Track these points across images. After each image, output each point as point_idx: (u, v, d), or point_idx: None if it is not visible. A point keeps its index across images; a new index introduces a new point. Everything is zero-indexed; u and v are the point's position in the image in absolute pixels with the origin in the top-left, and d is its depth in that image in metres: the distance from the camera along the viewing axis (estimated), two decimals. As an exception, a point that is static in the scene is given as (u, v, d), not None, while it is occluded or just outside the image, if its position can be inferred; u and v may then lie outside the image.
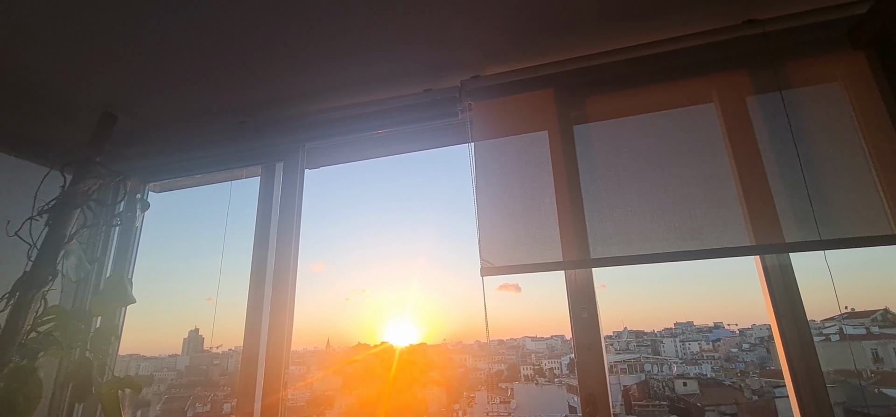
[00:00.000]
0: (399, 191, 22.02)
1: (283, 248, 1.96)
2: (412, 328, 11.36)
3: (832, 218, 1.36)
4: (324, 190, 9.53)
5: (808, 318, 1.48)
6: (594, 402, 1.51)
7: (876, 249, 1.36)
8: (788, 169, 1.43)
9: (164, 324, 5.31)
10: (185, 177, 2.19)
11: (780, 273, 1.42)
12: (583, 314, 1.56)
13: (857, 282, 3.71)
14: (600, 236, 1.51)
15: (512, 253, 1.57)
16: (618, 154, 1.59)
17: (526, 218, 1.59)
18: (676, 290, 13.30)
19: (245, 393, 1.94)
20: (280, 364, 1.93)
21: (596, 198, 1.56)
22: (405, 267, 17.41)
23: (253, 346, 1.94)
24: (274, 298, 1.95)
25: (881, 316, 9.31)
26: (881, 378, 8.83)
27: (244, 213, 2.19)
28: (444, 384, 14.70)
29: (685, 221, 1.45)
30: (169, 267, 4.16)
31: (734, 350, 13.62)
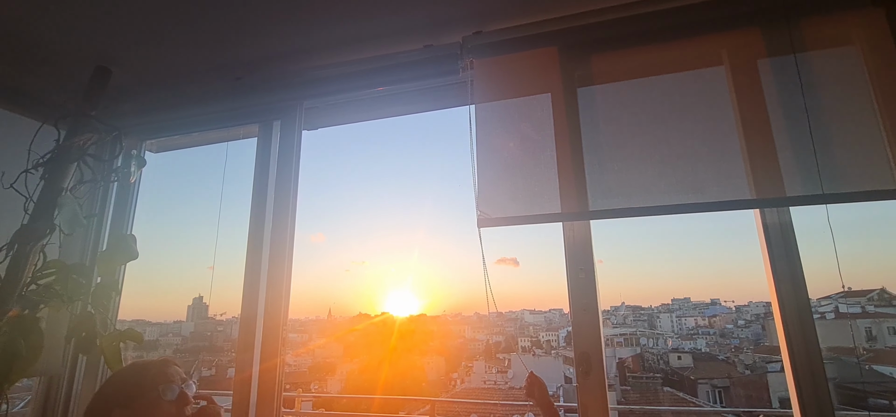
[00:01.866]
0: (398, 162, 21.65)
1: (281, 211, 1.95)
2: (412, 299, 11.41)
3: (836, 173, 1.34)
4: (323, 159, 9.43)
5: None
6: (588, 361, 1.53)
7: (878, 228, 1.34)
8: (795, 123, 1.40)
9: (168, 291, 5.41)
10: (181, 135, 2.17)
11: (781, 233, 1.41)
12: (580, 274, 1.56)
13: (855, 262, 3.67)
14: (600, 189, 1.50)
15: (509, 206, 1.55)
16: (621, 109, 1.55)
17: (524, 171, 1.56)
18: (675, 267, 13.19)
19: (244, 358, 1.97)
20: (278, 329, 1.95)
21: (597, 150, 1.53)
22: (404, 239, 17.42)
23: (251, 310, 1.95)
24: (271, 263, 1.95)
25: (878, 295, 9.35)
26: (874, 355, 8.99)
27: (242, 177, 2.18)
28: (443, 353, 15.00)
29: (687, 175, 1.43)
30: (170, 233, 4.18)
31: (729, 326, 13.85)
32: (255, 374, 1.93)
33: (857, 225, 12.26)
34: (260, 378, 1.94)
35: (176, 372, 1.34)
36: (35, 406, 1.99)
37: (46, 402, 1.98)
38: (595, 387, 1.50)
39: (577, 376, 1.54)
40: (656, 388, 10.70)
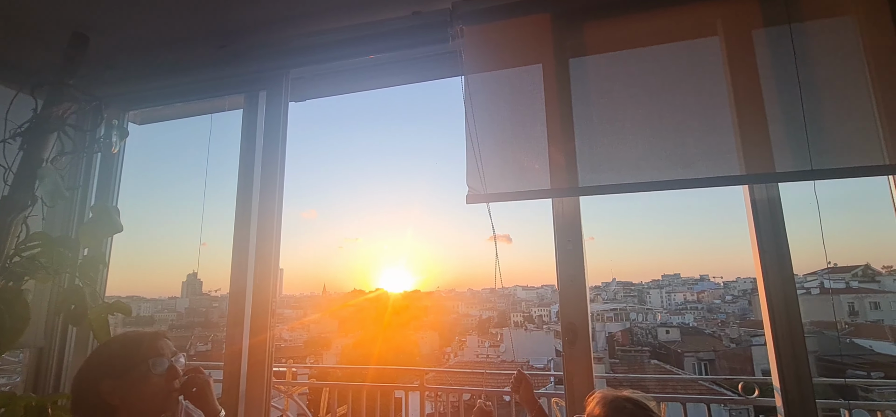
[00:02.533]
0: (390, 138, 21.45)
1: (268, 185, 1.93)
2: (406, 275, 11.50)
3: (826, 148, 1.34)
4: (313, 134, 9.27)
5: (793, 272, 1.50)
6: (574, 330, 1.55)
7: (864, 204, 1.35)
8: (787, 96, 1.39)
9: (162, 267, 5.41)
10: (164, 105, 2.12)
11: (769, 208, 1.41)
12: (568, 246, 1.57)
13: (841, 239, 3.71)
14: (590, 164, 1.48)
15: (499, 182, 1.54)
16: (613, 81, 1.53)
17: (515, 146, 1.55)
18: (666, 244, 13.34)
19: (234, 332, 1.97)
20: (267, 304, 1.95)
21: (588, 124, 1.51)
22: (398, 216, 17.42)
23: (240, 284, 1.95)
24: (259, 237, 1.94)
25: (862, 271, 9.65)
26: (855, 329, 9.29)
27: (229, 151, 2.14)
28: (436, 328, 15.22)
29: (677, 149, 1.42)
30: (163, 209, 4.14)
31: (717, 301, 14.14)
32: (244, 348, 1.94)
33: (844, 202, 12.46)
34: (250, 352, 1.95)
35: (166, 346, 1.33)
36: (26, 377, 1.99)
37: (37, 374, 1.98)
38: (580, 356, 1.53)
39: (564, 345, 1.56)
40: (643, 361, 10.99)
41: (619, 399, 1.04)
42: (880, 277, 13.47)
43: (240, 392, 1.94)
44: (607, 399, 1.06)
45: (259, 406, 1.95)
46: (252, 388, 1.94)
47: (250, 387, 1.94)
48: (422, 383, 2.61)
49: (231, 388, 1.91)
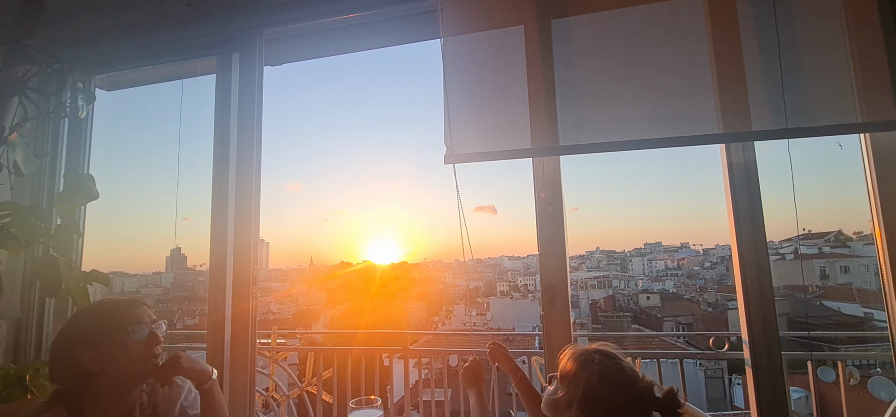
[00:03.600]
0: (373, 108, 21.03)
1: (245, 154, 1.89)
2: (393, 247, 11.53)
3: (802, 108, 1.36)
4: (294, 104, 9.04)
5: (768, 239, 1.54)
6: (553, 291, 1.58)
7: (837, 172, 1.39)
8: (767, 56, 1.40)
9: (144, 242, 5.31)
10: (132, 68, 2.04)
11: (745, 171, 1.44)
12: (548, 208, 1.58)
13: (815, 206, 3.83)
14: (571, 125, 1.49)
15: (478, 142, 1.53)
16: (595, 41, 1.52)
17: (495, 106, 1.53)
18: (648, 213, 13.58)
19: (216, 301, 1.97)
20: (248, 274, 1.95)
21: (569, 84, 1.51)
22: (383, 187, 17.28)
23: (220, 253, 1.93)
24: (238, 207, 1.92)
25: (834, 237, 10.01)
26: (825, 292, 9.73)
27: (204, 118, 2.08)
28: (424, 298, 15.34)
29: (658, 109, 1.43)
30: (142, 183, 4.05)
31: (696, 268, 14.50)
32: (227, 317, 1.94)
33: (818, 171, 12.90)
34: (233, 321, 1.95)
35: (145, 313, 1.32)
36: (6, 349, 1.96)
37: (17, 346, 1.96)
38: (559, 315, 1.57)
39: (543, 305, 1.60)
40: (624, 326, 11.37)
41: (589, 352, 1.07)
42: (851, 242, 13.98)
43: (224, 359, 1.95)
44: (577, 353, 1.08)
45: (244, 372, 1.97)
46: (236, 355, 1.95)
47: (234, 355, 1.96)
48: (405, 347, 2.66)
49: (215, 356, 1.92)
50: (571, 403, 1.03)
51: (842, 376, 2.27)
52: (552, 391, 1.11)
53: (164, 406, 1.37)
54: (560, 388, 1.08)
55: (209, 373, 1.39)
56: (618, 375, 1.02)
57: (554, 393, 1.09)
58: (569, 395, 1.04)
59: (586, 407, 1.01)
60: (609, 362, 1.04)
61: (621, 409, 1.00)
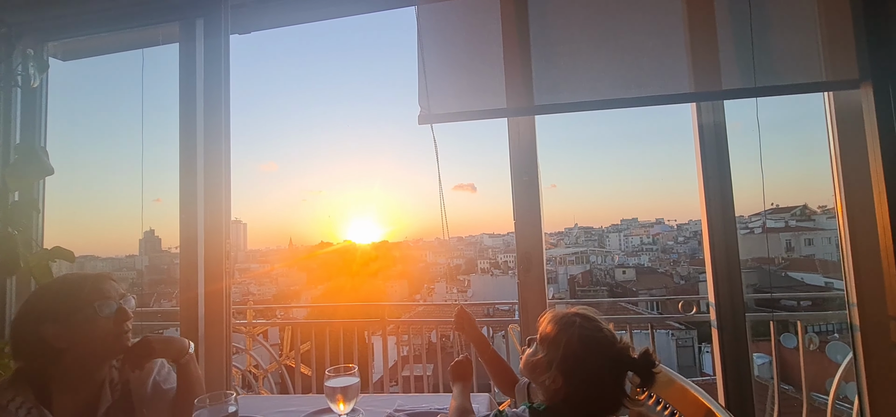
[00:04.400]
0: (349, 83, 20.60)
1: (213, 127, 1.83)
2: (374, 226, 11.48)
3: (771, 68, 1.40)
4: (267, 80, 8.78)
5: (738, 214, 1.60)
6: (529, 259, 1.61)
7: (803, 148, 1.44)
8: (738, 16, 1.42)
9: (116, 225, 5.10)
10: (87, 35, 1.93)
11: (714, 132, 1.48)
12: (524, 178, 1.59)
13: (783, 182, 3.92)
14: (547, 85, 1.49)
15: (454, 102, 1.52)
16: (572, 1, 1.51)
17: (470, 67, 1.52)
18: (624, 189, 13.94)
19: (188, 279, 1.94)
20: (220, 253, 1.92)
21: (544, 45, 1.50)
22: (362, 167, 17.11)
23: (191, 229, 1.89)
24: (207, 182, 1.87)
25: (800, 210, 10.43)
26: (790, 263, 10.25)
27: (168, 89, 2.00)
28: (405, 277, 15.32)
29: (632, 68, 1.45)
30: (108, 160, 3.87)
31: (670, 243, 14.95)
32: (200, 295, 1.91)
33: (786, 145, 13.50)
34: (206, 299, 1.93)
35: (112, 288, 1.28)
36: (-34, 331, 1.90)
37: (-23, 327, 1.89)
38: (535, 283, 1.60)
39: (519, 273, 1.63)
40: (599, 299, 11.69)
41: (569, 315, 1.09)
42: (815, 216, 14.55)
43: (199, 337, 1.92)
44: (558, 316, 1.11)
45: (220, 349, 1.95)
46: (210, 333, 1.92)
47: (209, 332, 1.93)
48: (383, 319, 2.67)
49: (189, 334, 1.89)
50: (551, 364, 1.05)
51: (802, 341, 2.39)
52: (532, 352, 1.13)
53: (136, 382, 1.34)
54: (540, 350, 1.10)
55: (185, 347, 1.37)
56: (597, 336, 1.05)
57: (534, 355, 1.12)
58: (549, 356, 1.07)
59: (565, 368, 1.03)
60: (588, 324, 1.07)
61: (599, 370, 1.03)
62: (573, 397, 1.04)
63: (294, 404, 1.61)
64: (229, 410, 1.15)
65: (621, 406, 1.06)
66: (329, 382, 1.28)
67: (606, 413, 1.07)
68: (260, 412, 1.49)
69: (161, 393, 1.38)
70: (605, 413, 1.07)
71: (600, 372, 1.03)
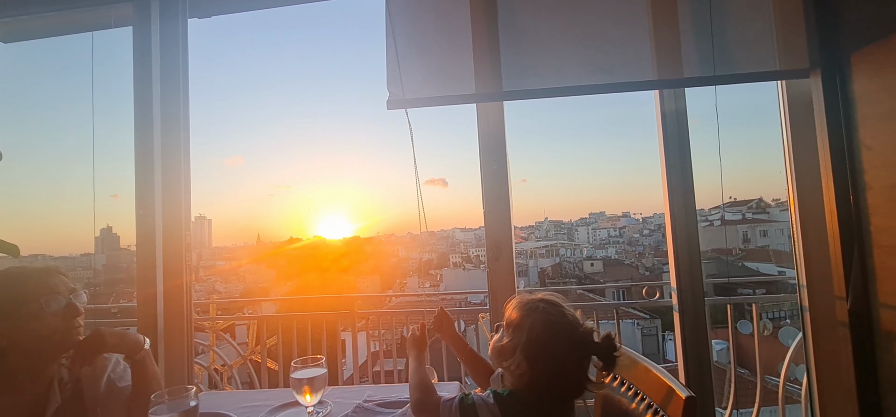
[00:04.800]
0: (315, 74, 20.15)
1: (171, 117, 1.76)
2: (345, 222, 11.30)
3: (730, 57, 1.46)
4: (229, 70, 8.52)
5: (698, 207, 1.66)
6: (498, 247, 1.62)
7: (759, 144, 1.52)
8: (698, 5, 1.47)
9: (68, 222, 4.81)
10: (30, 14, 1.81)
11: (676, 120, 1.53)
12: (493, 166, 1.60)
13: (741, 176, 4.12)
14: (515, 71, 1.50)
15: (422, 87, 1.51)
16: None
17: (439, 52, 1.51)
18: (593, 183, 14.33)
19: (145, 276, 1.87)
20: (180, 249, 1.85)
21: (513, 31, 1.51)
22: (332, 160, 16.82)
23: (148, 223, 1.82)
24: (165, 177, 1.81)
25: (756, 204, 11.05)
26: (746, 254, 10.83)
27: (122, 76, 1.89)
28: (377, 272, 15.14)
29: (597, 55, 1.48)
30: (60, 154, 3.65)
31: (636, 235, 15.46)
32: (159, 292, 1.84)
33: (743, 143, 14.31)
34: (166, 296, 1.86)
35: (61, 282, 1.21)
36: None
37: None
38: (504, 271, 1.61)
39: (489, 261, 1.64)
40: (570, 291, 12.00)
41: (533, 300, 1.11)
42: (769, 209, 15.33)
43: (158, 334, 1.85)
44: (522, 301, 1.12)
45: (180, 348, 1.89)
46: (171, 330, 1.86)
47: (169, 329, 1.86)
48: (352, 312, 2.64)
49: (147, 331, 1.81)
50: (516, 349, 1.07)
51: (756, 327, 2.52)
52: (498, 338, 1.14)
53: (88, 380, 1.28)
54: (505, 335, 1.11)
55: (141, 343, 1.31)
56: (560, 320, 1.07)
57: (500, 340, 1.13)
58: (513, 341, 1.08)
59: (529, 352, 1.05)
60: (552, 309, 1.08)
61: (562, 354, 1.05)
62: (537, 381, 1.06)
63: (259, 398, 1.56)
64: (190, 405, 1.10)
65: (585, 390, 1.08)
66: (295, 374, 1.25)
67: (570, 396, 1.10)
68: (224, 408, 1.44)
69: (116, 392, 1.31)
70: (570, 396, 1.10)
71: (563, 356, 1.05)
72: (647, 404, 1.12)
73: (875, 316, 1.39)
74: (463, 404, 1.06)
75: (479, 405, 1.05)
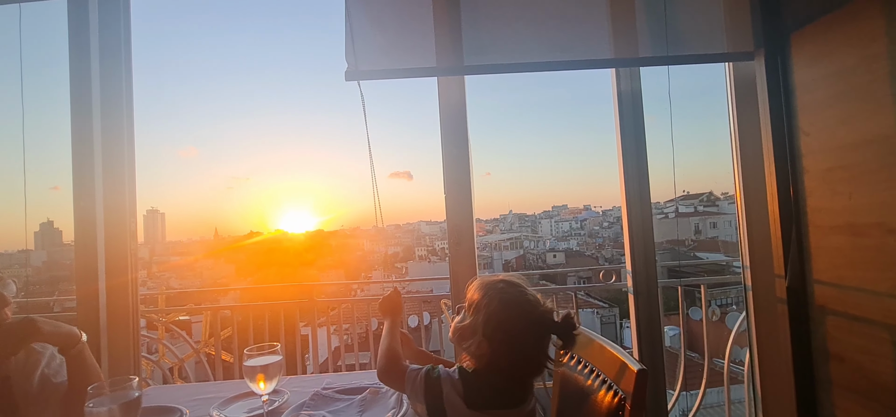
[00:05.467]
0: (271, 62, 19.35)
1: (112, 102, 1.64)
2: (308, 215, 10.96)
3: (681, 38, 1.52)
4: (179, 55, 8.05)
5: (654, 200, 1.73)
6: (459, 232, 1.61)
7: (710, 142, 1.59)
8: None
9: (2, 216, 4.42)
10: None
11: (631, 99, 1.58)
12: (454, 151, 1.59)
13: (693, 171, 4.32)
14: (475, 47, 1.50)
15: (381, 59, 1.47)
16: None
17: (399, 26, 1.48)
18: (555, 178, 14.66)
19: (85, 274, 1.75)
20: (125, 244, 1.74)
21: (473, 7, 1.51)
22: (292, 152, 16.29)
23: (88, 216, 1.70)
24: (107, 165, 1.69)
25: (707, 197, 11.66)
26: (697, 244, 11.46)
27: (57, 56, 1.75)
28: (342, 266, 14.75)
29: (556, 34, 1.50)
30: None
31: (596, 228, 15.97)
32: (101, 290, 1.73)
33: (696, 139, 15.07)
34: (109, 295, 1.75)
35: (-16, 272, 1.11)
36: None
37: None
38: (465, 256, 1.61)
39: (450, 246, 1.63)
40: (533, 282, 12.32)
41: (494, 281, 1.12)
42: (719, 202, 16.20)
43: (100, 327, 1.74)
44: (483, 282, 1.13)
45: (126, 343, 1.78)
46: (115, 331, 1.75)
47: (113, 326, 1.76)
48: (312, 299, 2.58)
49: (87, 327, 1.70)
50: (476, 329, 1.07)
51: (705, 313, 2.67)
52: (460, 319, 1.14)
53: (18, 376, 1.18)
54: (466, 316, 1.12)
55: (77, 336, 1.22)
56: (520, 300, 1.08)
57: (461, 321, 1.13)
58: (474, 321, 1.08)
59: (490, 331, 1.06)
60: (512, 289, 1.09)
61: (522, 332, 1.06)
62: (498, 360, 1.06)
63: (212, 390, 1.50)
64: (132, 396, 1.03)
65: (544, 368, 1.10)
66: (249, 361, 1.20)
67: (530, 375, 1.12)
68: (174, 401, 1.37)
69: (50, 388, 1.22)
70: (530, 375, 1.12)
71: (524, 335, 1.06)
72: (602, 380, 1.15)
73: (810, 292, 1.49)
74: (429, 376, 1.08)
75: (444, 378, 1.07)
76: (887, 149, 1.22)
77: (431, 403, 1.05)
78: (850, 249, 1.35)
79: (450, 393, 1.05)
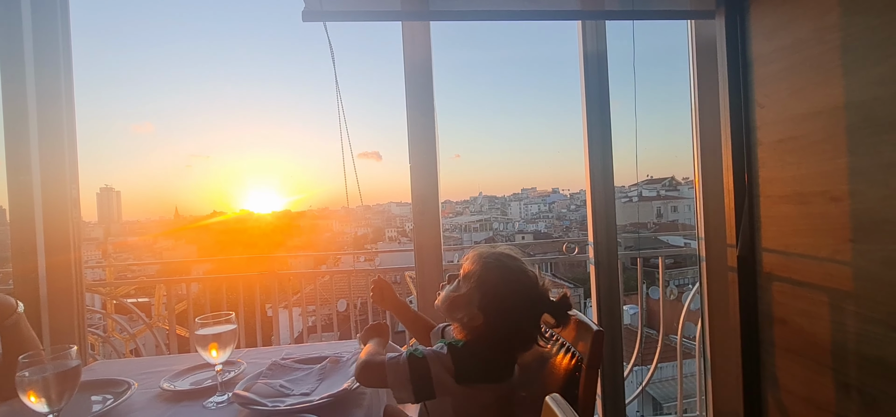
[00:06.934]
0: (229, 31, 18.47)
1: (47, 65, 1.52)
2: (274, 195, 10.65)
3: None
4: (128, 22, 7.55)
5: (618, 184, 1.75)
6: (424, 200, 1.59)
7: (673, 129, 1.61)
8: None
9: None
10: None
11: (597, 61, 1.59)
12: (420, 119, 1.56)
13: (657, 156, 4.44)
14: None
15: (343, 2, 1.40)
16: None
17: None
18: (524, 159, 14.86)
19: (23, 251, 1.63)
20: (66, 219, 1.63)
21: None
22: (256, 129, 15.71)
23: (24, 190, 1.57)
24: (43, 137, 1.57)
25: (668, 182, 12.08)
26: (659, 227, 11.87)
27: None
28: (311, 247, 14.58)
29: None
30: None
31: (564, 210, 16.31)
32: (40, 268, 1.62)
33: (659, 128, 15.54)
34: (50, 273, 1.64)
35: None
36: None
37: None
38: (429, 225, 1.60)
39: (414, 216, 1.61)
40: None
41: (494, 254, 1.11)
42: (680, 186, 16.82)
43: (41, 301, 1.63)
44: (483, 255, 1.11)
45: (69, 321, 1.68)
46: (57, 313, 1.64)
47: (55, 304, 1.65)
48: (278, 273, 2.51)
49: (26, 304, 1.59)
50: (471, 300, 1.05)
51: (662, 286, 2.77)
52: (453, 288, 1.11)
53: (-57, 351, 1.09)
54: (462, 285, 1.09)
55: (13, 307, 1.14)
56: (520, 278, 1.07)
57: (455, 290, 1.10)
58: (470, 293, 1.06)
59: (486, 305, 1.05)
60: (512, 264, 1.08)
61: (520, 309, 1.06)
62: (491, 334, 1.06)
63: (164, 364, 1.43)
64: (69, 365, 0.97)
65: (534, 344, 1.10)
66: (200, 331, 1.14)
67: (520, 349, 1.12)
68: (123, 375, 1.30)
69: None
70: (519, 349, 1.12)
71: (520, 312, 1.06)
72: (561, 343, 1.17)
73: (758, 260, 1.57)
74: (413, 357, 1.01)
75: (430, 357, 1.02)
76: (834, 119, 1.27)
77: (419, 384, 0.99)
78: (797, 217, 1.42)
79: (438, 372, 1.00)
